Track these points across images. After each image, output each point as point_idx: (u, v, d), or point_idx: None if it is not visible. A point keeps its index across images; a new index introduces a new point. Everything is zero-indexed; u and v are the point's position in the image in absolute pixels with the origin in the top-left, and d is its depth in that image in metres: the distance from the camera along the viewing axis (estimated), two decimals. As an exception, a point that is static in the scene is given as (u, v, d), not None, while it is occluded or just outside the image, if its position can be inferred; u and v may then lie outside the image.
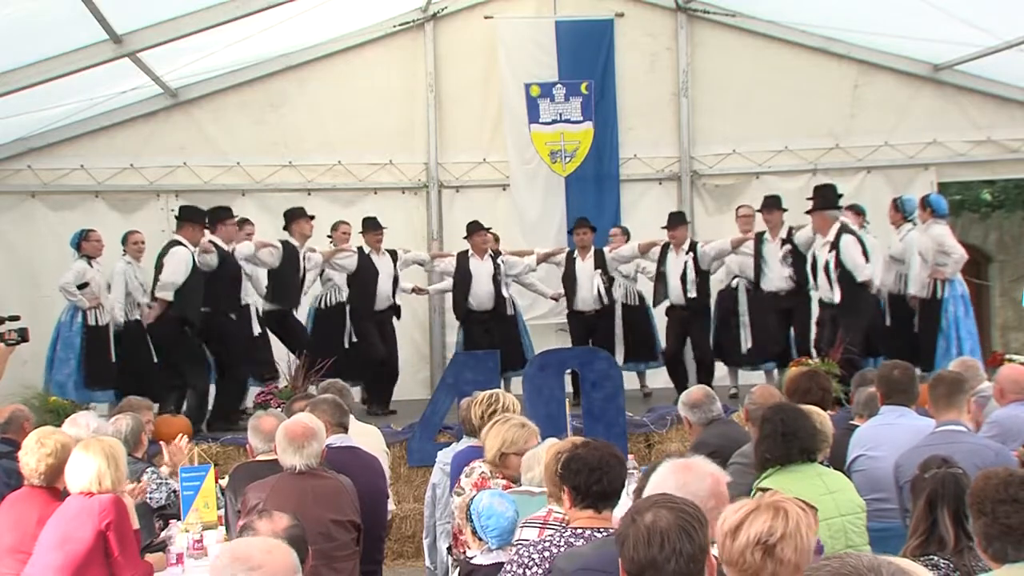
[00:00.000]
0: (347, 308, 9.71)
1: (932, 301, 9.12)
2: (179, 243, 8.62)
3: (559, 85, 10.99)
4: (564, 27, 10.98)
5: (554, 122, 11.01)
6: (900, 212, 9.52)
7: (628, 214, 10.99)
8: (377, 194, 10.90)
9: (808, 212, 9.01)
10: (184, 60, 9.14)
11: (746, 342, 9.76)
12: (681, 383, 9.41)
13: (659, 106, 11.25)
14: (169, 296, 8.49)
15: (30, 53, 7.43)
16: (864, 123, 11.07)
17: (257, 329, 9.33)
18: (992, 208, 14.76)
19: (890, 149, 11.06)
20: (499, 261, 9.87)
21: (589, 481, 3.45)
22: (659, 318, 10.10)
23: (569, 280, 9.99)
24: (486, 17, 11.02)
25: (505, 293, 9.89)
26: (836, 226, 8.77)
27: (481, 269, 9.77)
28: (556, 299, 10.33)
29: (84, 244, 9.04)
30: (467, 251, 9.85)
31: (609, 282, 9.92)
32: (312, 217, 9.49)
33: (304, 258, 9.44)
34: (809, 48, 11.07)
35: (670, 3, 11.13)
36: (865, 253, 8.71)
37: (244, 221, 9.47)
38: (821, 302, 9.12)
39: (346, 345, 9.58)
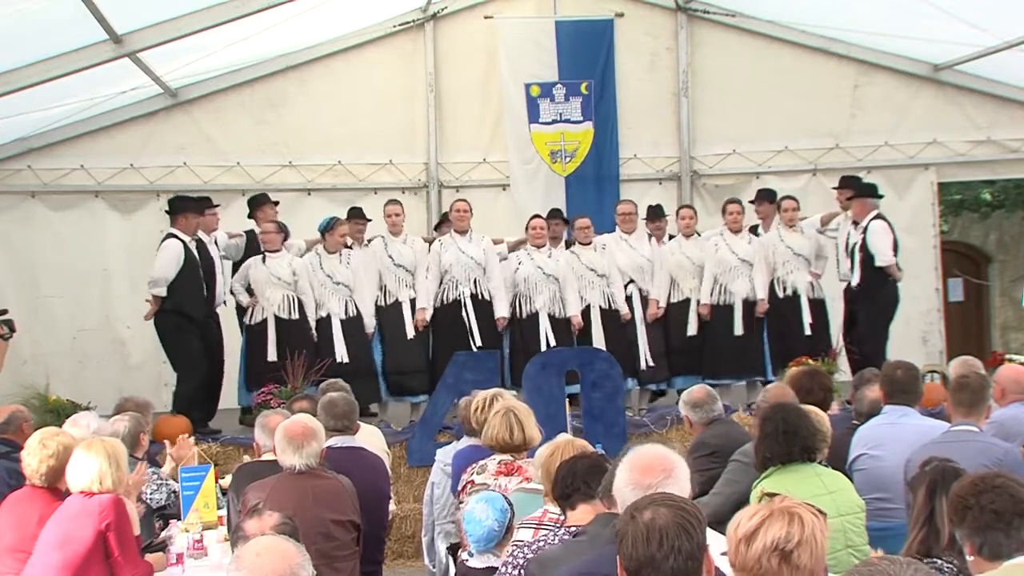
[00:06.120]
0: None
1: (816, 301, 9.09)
2: (172, 235, 8.49)
3: (559, 85, 10.98)
4: (564, 27, 10.96)
5: (554, 122, 10.98)
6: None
7: (628, 214, 10.98)
8: (377, 194, 10.83)
9: (849, 199, 8.98)
10: (184, 60, 9.12)
11: (646, 359, 8.93)
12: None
13: (659, 106, 11.23)
14: (161, 292, 8.34)
15: (30, 53, 7.42)
16: (864, 123, 11.06)
17: (411, 331, 8.84)
18: (992, 208, 14.75)
19: (890, 149, 11.04)
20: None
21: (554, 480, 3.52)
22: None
23: None
24: (486, 17, 11.00)
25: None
26: (873, 212, 8.81)
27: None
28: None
29: (327, 236, 8.77)
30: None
31: None
32: (276, 203, 9.24)
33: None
34: (809, 48, 11.05)
35: (670, 3, 11.12)
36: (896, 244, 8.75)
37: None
38: (846, 290, 9.08)
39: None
